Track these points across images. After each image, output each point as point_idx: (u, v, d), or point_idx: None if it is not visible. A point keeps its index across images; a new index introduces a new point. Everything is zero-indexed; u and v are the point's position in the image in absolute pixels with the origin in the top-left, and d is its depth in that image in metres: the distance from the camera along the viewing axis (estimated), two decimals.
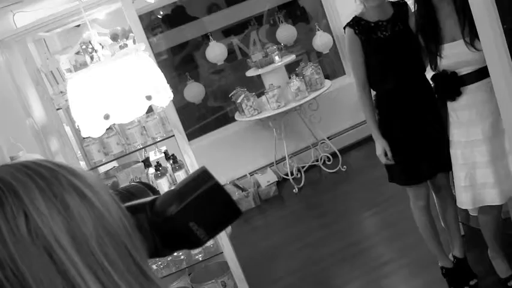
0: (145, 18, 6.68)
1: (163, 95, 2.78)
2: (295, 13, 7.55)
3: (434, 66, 3.17)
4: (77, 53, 3.42)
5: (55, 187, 0.75)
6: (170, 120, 3.66)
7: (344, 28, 3.46)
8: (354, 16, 3.43)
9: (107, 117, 2.54)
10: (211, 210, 1.07)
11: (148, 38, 4.48)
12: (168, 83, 2.93)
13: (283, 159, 6.31)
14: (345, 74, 7.03)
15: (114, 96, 2.56)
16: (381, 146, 3.41)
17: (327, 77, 6.58)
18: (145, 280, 0.78)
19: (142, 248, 0.81)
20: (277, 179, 6.34)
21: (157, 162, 3.78)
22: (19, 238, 0.71)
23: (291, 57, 6.39)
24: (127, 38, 3.63)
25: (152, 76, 2.79)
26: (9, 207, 0.72)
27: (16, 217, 0.72)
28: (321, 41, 6.57)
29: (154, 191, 1.24)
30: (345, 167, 6.22)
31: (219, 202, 1.07)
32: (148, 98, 2.64)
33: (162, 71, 2.92)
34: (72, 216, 0.74)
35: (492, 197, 3.16)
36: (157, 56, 6.46)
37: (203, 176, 1.07)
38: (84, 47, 3.02)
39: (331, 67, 7.43)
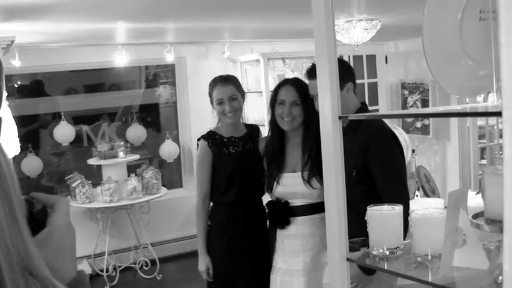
0: None
1: (10, 146, 2.75)
2: (149, 117, 7.74)
3: (271, 190, 3.35)
4: None
5: None
6: None
7: (198, 140, 3.60)
8: (209, 130, 3.62)
9: None
10: None
11: None
12: None
13: (102, 254, 6.19)
14: (181, 187, 7.23)
15: None
16: (204, 263, 3.51)
17: (164, 185, 6.71)
18: (24, 251, 0.77)
19: (24, 220, 0.82)
20: (91, 273, 6.16)
21: None
22: None
23: (135, 157, 6.48)
24: None
25: (6, 124, 2.75)
26: None
27: None
28: (168, 149, 6.78)
29: None
30: (161, 275, 6.22)
31: None
32: None
33: None
34: None
35: None
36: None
37: None
38: None
39: (170, 177, 7.59)
